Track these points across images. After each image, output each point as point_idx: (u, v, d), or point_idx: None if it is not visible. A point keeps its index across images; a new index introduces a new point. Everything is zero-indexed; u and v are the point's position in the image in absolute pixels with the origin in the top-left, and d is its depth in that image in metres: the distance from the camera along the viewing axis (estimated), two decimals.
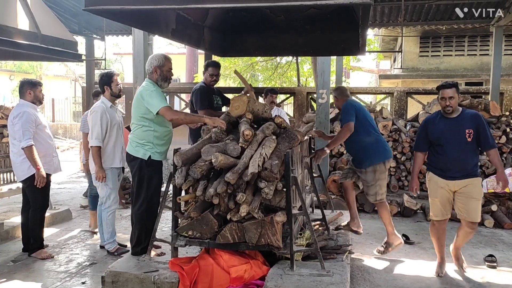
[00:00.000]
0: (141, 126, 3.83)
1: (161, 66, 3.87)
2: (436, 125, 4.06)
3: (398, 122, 8.11)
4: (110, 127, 4.48)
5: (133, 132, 3.91)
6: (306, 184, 4.49)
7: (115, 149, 4.53)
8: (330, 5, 2.67)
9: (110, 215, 4.57)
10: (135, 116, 3.86)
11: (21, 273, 4.17)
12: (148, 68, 3.91)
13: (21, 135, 4.32)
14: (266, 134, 3.59)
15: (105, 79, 4.54)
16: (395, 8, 8.69)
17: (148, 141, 3.84)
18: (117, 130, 4.56)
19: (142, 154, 3.84)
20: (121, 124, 4.67)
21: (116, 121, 4.56)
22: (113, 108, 4.59)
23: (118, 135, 4.57)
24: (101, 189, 4.54)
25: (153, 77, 3.89)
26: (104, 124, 4.42)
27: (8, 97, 21.96)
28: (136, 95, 3.86)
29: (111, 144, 4.50)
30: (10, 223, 5.36)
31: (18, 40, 4.83)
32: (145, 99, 3.73)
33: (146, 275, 3.44)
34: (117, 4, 2.91)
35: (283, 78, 15.69)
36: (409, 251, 4.86)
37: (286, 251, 3.41)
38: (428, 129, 4.09)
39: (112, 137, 4.51)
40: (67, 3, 9.10)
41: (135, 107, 3.85)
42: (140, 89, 3.87)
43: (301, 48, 5.66)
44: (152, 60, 3.90)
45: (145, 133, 3.83)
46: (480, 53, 13.30)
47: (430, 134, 4.06)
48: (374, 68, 24.27)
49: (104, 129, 4.42)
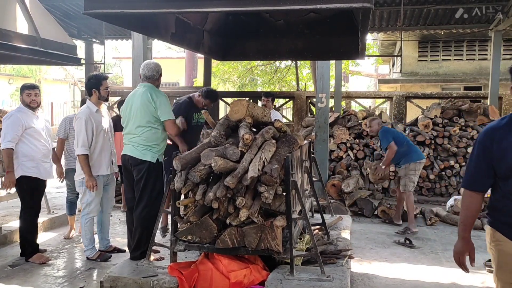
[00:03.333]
0: (150, 128, 3.86)
1: (161, 74, 4.08)
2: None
3: (397, 126, 8.11)
4: (96, 134, 4.32)
5: (140, 135, 3.87)
6: (306, 188, 4.48)
7: (101, 155, 4.39)
8: (330, 9, 2.66)
9: (88, 222, 4.46)
10: (143, 119, 3.84)
11: (19, 278, 4.14)
12: (154, 74, 3.98)
13: (3, 137, 4.35)
14: (266, 138, 3.58)
15: (93, 81, 4.38)
16: (394, 12, 8.71)
17: (156, 143, 3.90)
18: (103, 136, 4.40)
19: (151, 157, 3.86)
20: (109, 128, 4.52)
21: (102, 127, 4.39)
22: (99, 113, 4.42)
23: (105, 141, 4.42)
24: (83, 195, 4.44)
25: (156, 83, 4.01)
26: (90, 131, 4.27)
27: (7, 101, 21.93)
28: (143, 98, 3.84)
29: (97, 151, 4.36)
30: (8, 228, 5.33)
31: (17, 43, 4.82)
32: (157, 103, 3.81)
33: (145, 280, 3.42)
34: (116, 8, 2.90)
35: (282, 82, 15.72)
36: (409, 256, 4.84)
37: (286, 256, 3.40)
38: (495, 149, 2.24)
39: (99, 144, 4.36)
40: (66, 7, 9.11)
41: (143, 110, 3.84)
42: (146, 92, 3.87)
43: (300, 52, 5.66)
44: (158, 67, 4.03)
45: (154, 135, 3.88)
46: (479, 57, 13.34)
47: (498, 158, 2.23)
48: (373, 73, 24.32)
49: (90, 136, 4.27)
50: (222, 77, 15.78)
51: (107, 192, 4.61)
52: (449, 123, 8.00)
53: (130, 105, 3.96)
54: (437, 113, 8.08)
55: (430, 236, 5.61)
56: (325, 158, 6.67)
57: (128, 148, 3.94)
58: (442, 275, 4.25)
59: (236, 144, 3.48)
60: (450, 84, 13.19)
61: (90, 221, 4.49)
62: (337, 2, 2.60)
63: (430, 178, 7.73)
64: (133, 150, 3.89)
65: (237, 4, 2.77)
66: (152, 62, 4.13)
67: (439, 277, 4.20)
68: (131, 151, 3.90)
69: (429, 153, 7.78)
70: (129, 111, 3.95)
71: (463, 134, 7.83)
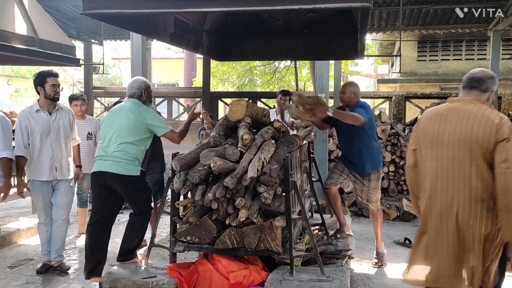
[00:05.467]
0: (135, 144, 3.70)
1: (148, 87, 3.92)
2: None
3: (397, 126, 8.11)
4: (33, 135, 4.04)
5: (122, 149, 3.65)
6: (305, 189, 4.47)
7: (40, 160, 4.08)
8: (329, 9, 2.66)
9: (37, 229, 4.29)
10: (129, 134, 3.66)
11: (19, 279, 4.13)
12: (136, 92, 3.83)
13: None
14: (265, 139, 3.57)
15: (39, 79, 4.07)
16: (393, 12, 8.71)
17: (139, 158, 3.78)
18: (43, 138, 4.07)
19: (135, 171, 3.72)
20: (58, 131, 4.15)
21: (42, 128, 4.06)
22: (40, 113, 4.09)
23: (45, 144, 4.08)
24: None
25: (142, 99, 3.86)
26: (23, 132, 4.02)
27: (6, 102, 21.91)
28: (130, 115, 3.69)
29: (36, 154, 4.07)
30: (7, 229, 5.32)
31: (16, 44, 4.81)
32: (149, 121, 3.71)
33: (144, 281, 3.41)
34: (115, 8, 2.89)
35: (282, 83, 15.71)
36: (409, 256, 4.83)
37: (286, 256, 3.39)
38: None
39: (36, 147, 4.06)
40: (65, 8, 9.10)
41: (133, 126, 3.67)
42: (133, 109, 3.73)
43: (299, 52, 5.66)
44: (139, 83, 3.87)
45: (137, 151, 3.72)
46: (478, 57, 13.34)
47: None
48: (372, 73, 24.32)
49: (22, 136, 4.01)
50: (221, 78, 15.78)
51: (56, 199, 4.23)
52: None
53: (113, 119, 3.76)
54: None
55: None
56: (324, 158, 6.65)
57: (107, 164, 3.66)
58: None
59: (236, 144, 3.47)
60: (449, 84, 13.20)
61: (39, 228, 4.28)
62: (336, 1, 2.59)
63: None
64: (113, 166, 3.64)
65: (236, 4, 2.77)
66: (134, 80, 3.94)
67: None
68: (110, 167, 3.64)
69: None
70: (113, 125, 3.74)
71: None
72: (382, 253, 4.56)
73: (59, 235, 4.26)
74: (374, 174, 4.36)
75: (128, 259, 3.81)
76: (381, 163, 4.45)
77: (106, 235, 3.83)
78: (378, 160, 4.41)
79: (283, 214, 3.34)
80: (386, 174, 7.80)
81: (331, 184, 4.52)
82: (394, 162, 7.69)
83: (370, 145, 4.33)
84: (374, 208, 4.48)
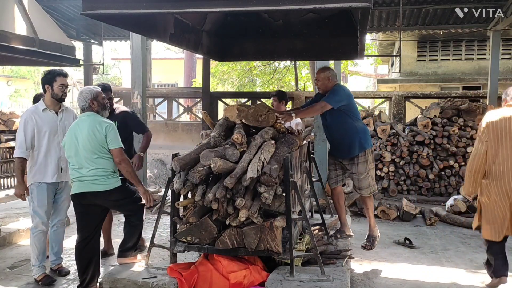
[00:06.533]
0: (103, 157, 3.56)
1: (95, 96, 3.65)
2: None
3: (397, 126, 8.11)
4: (39, 135, 3.90)
5: (96, 167, 3.52)
6: (305, 189, 4.47)
7: (46, 161, 3.92)
8: (329, 9, 2.66)
9: (35, 237, 3.95)
10: (95, 149, 3.51)
11: (19, 280, 4.13)
12: (84, 104, 3.62)
13: None
14: (265, 139, 3.57)
15: (48, 77, 3.94)
16: (392, 12, 8.71)
17: (115, 169, 3.65)
18: (50, 138, 3.94)
19: (115, 182, 3.62)
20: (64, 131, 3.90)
21: (49, 128, 3.93)
22: (46, 112, 3.96)
23: (52, 144, 3.95)
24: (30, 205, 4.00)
25: (93, 109, 3.65)
26: (30, 131, 3.86)
27: (5, 103, 21.92)
28: (89, 127, 3.51)
29: (41, 155, 3.91)
30: (7, 229, 5.31)
31: (16, 45, 4.80)
32: (107, 133, 3.52)
33: (144, 281, 3.41)
34: (115, 8, 2.89)
35: (281, 83, 15.72)
36: (409, 256, 4.83)
37: (286, 256, 3.39)
38: None
39: (42, 147, 3.91)
40: (64, 8, 9.10)
41: (92, 139, 3.50)
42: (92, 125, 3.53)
43: (299, 52, 5.66)
44: (85, 95, 3.62)
45: (109, 163, 3.60)
46: (478, 57, 13.35)
47: None
48: (372, 73, 24.32)
49: (29, 137, 3.86)
50: (221, 78, 15.79)
51: (57, 203, 4.10)
52: (448, 123, 8.00)
53: (74, 136, 3.55)
54: (436, 113, 8.09)
55: (430, 236, 5.61)
56: (324, 158, 6.64)
57: (86, 185, 3.53)
58: (442, 275, 4.25)
59: (235, 144, 3.48)
60: (449, 84, 13.21)
61: (38, 236, 3.96)
62: (336, 2, 2.60)
63: (430, 178, 7.72)
64: (92, 185, 3.52)
65: (235, 4, 2.77)
66: (80, 92, 3.68)
67: (439, 277, 4.19)
68: (90, 187, 3.52)
69: (429, 153, 7.78)
70: (77, 146, 3.53)
71: (462, 133, 7.83)
72: (374, 237, 4.48)
73: (58, 238, 4.18)
74: (360, 157, 4.22)
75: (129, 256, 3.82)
76: (368, 143, 4.24)
77: (97, 248, 3.70)
78: (364, 139, 4.22)
79: (283, 214, 3.34)
80: (386, 174, 7.81)
81: (334, 184, 4.55)
82: (394, 162, 7.69)
83: (353, 125, 4.20)
84: (366, 195, 4.37)
